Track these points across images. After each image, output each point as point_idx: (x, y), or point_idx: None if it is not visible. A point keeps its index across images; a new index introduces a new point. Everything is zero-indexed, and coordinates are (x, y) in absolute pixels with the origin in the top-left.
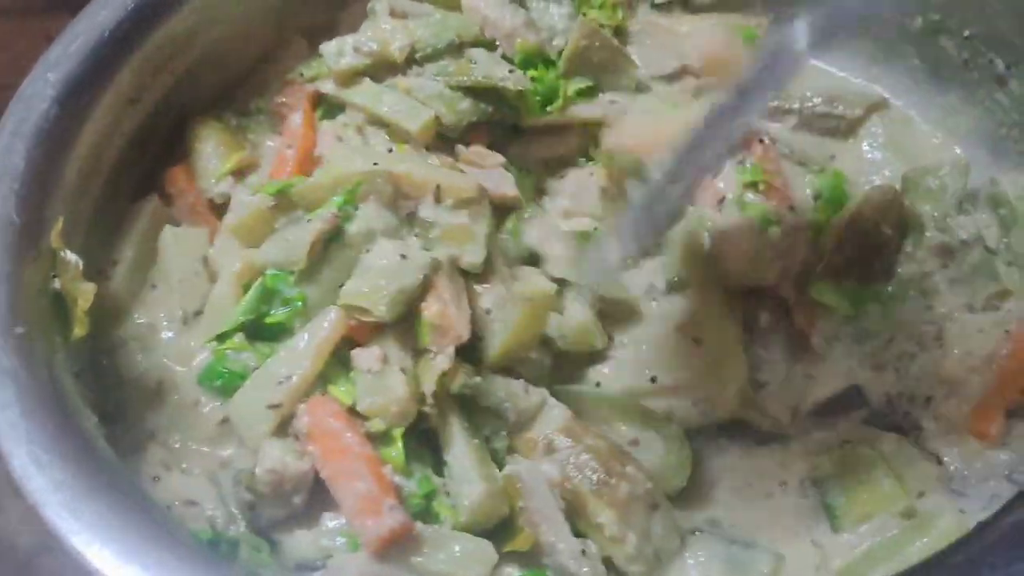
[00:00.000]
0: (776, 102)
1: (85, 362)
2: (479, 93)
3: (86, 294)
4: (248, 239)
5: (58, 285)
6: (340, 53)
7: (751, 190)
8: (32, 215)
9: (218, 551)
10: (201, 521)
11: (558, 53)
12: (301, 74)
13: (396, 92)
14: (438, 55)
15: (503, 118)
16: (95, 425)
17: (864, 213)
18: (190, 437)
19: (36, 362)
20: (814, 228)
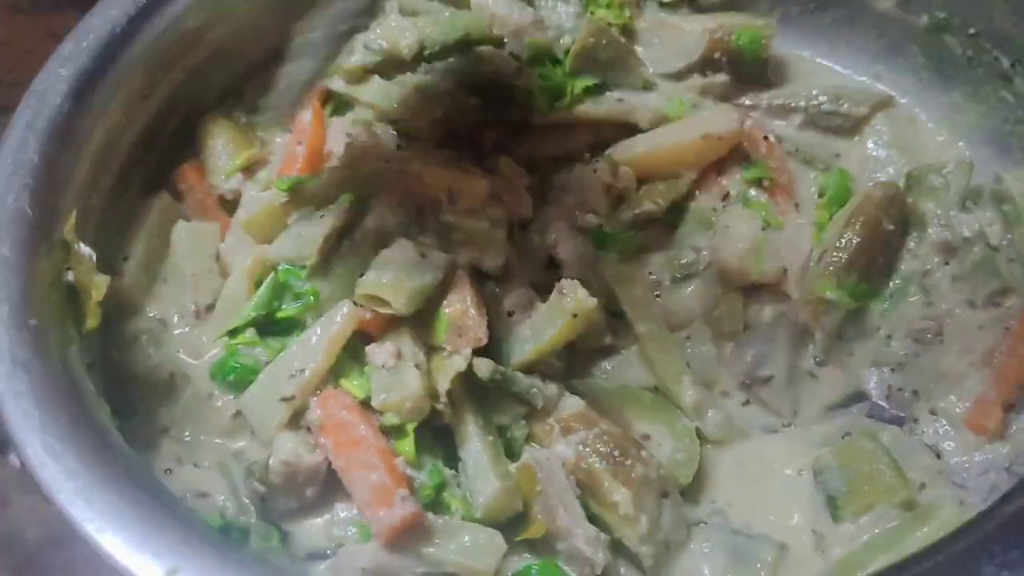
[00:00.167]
0: (782, 100)
1: (97, 355)
2: (487, 90)
3: (99, 286)
4: (260, 235)
5: (71, 277)
6: (350, 51)
7: (755, 187)
8: (45, 208)
9: (229, 538)
10: (213, 512)
11: (565, 51)
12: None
13: (405, 89)
14: (447, 52)
15: (511, 115)
16: (108, 415)
17: (866, 209)
18: (202, 430)
19: (50, 353)
20: (818, 225)
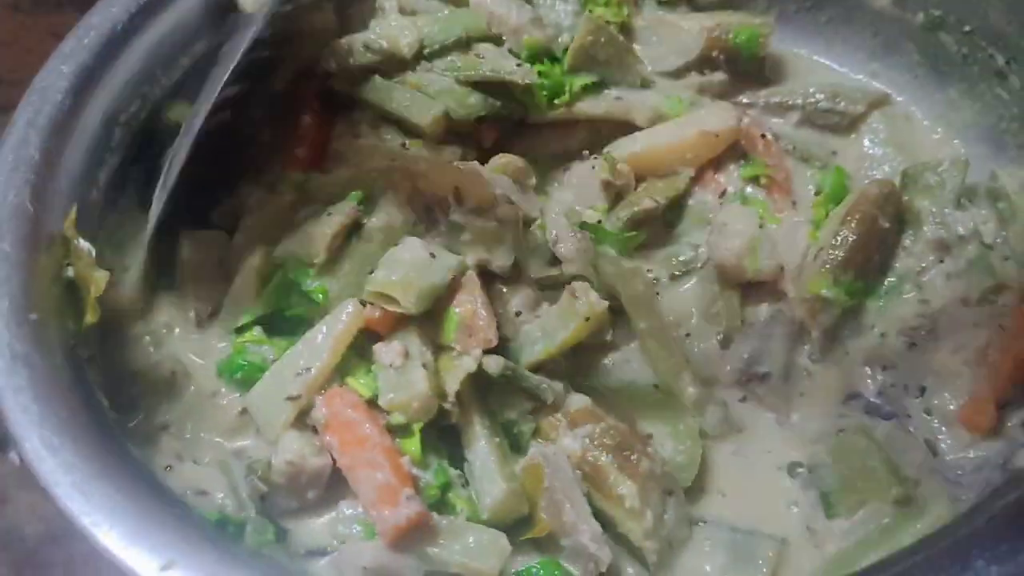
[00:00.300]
0: (779, 98)
1: (97, 350)
2: (487, 88)
3: (99, 281)
4: (267, 234)
5: (71, 273)
6: (351, 51)
7: (752, 184)
8: (46, 204)
9: (225, 532)
10: (211, 509)
11: (564, 49)
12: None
13: (405, 88)
14: (446, 51)
15: (511, 112)
16: (106, 409)
17: (862, 207)
18: (203, 428)
19: (49, 348)
20: (814, 223)
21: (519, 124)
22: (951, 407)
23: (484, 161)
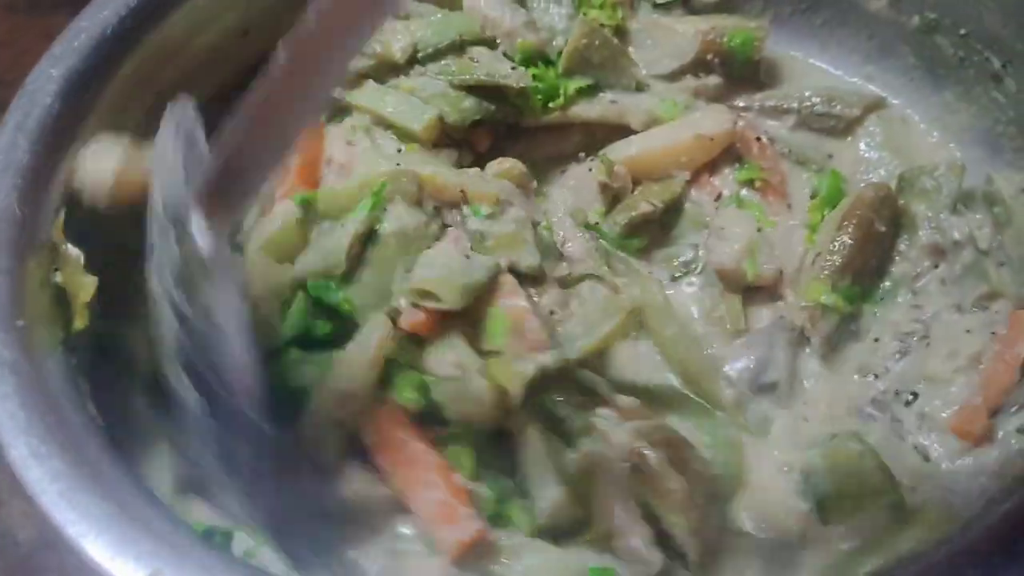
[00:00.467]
0: (774, 101)
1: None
2: (482, 91)
3: (87, 287)
4: (279, 254)
5: (59, 278)
6: None
7: (748, 187)
8: (34, 209)
9: (212, 542)
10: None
11: (558, 53)
12: None
13: (399, 93)
14: (440, 54)
15: (505, 116)
16: (93, 417)
17: (858, 211)
18: None
19: (37, 355)
20: (810, 227)
21: (514, 128)
22: (943, 415)
23: (480, 165)
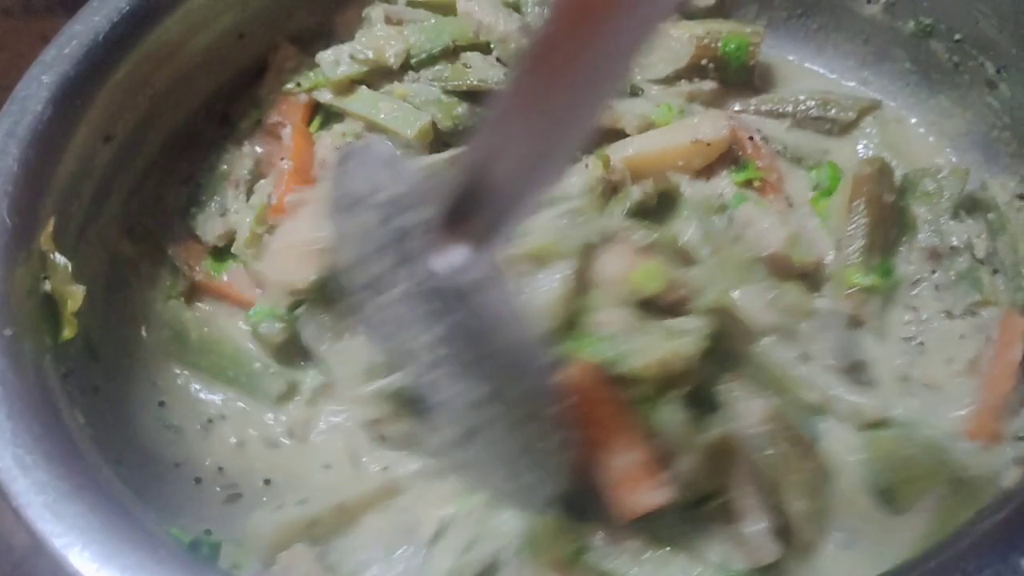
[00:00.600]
0: (769, 105)
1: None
2: (475, 97)
3: (75, 296)
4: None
5: (48, 287)
6: (337, 62)
7: (747, 188)
8: (24, 217)
9: (199, 553)
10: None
11: None
12: (298, 84)
13: (392, 99)
14: (433, 60)
15: None
16: (81, 427)
17: (863, 189)
18: None
19: (24, 364)
20: (821, 217)
21: None
22: (948, 418)
23: None
